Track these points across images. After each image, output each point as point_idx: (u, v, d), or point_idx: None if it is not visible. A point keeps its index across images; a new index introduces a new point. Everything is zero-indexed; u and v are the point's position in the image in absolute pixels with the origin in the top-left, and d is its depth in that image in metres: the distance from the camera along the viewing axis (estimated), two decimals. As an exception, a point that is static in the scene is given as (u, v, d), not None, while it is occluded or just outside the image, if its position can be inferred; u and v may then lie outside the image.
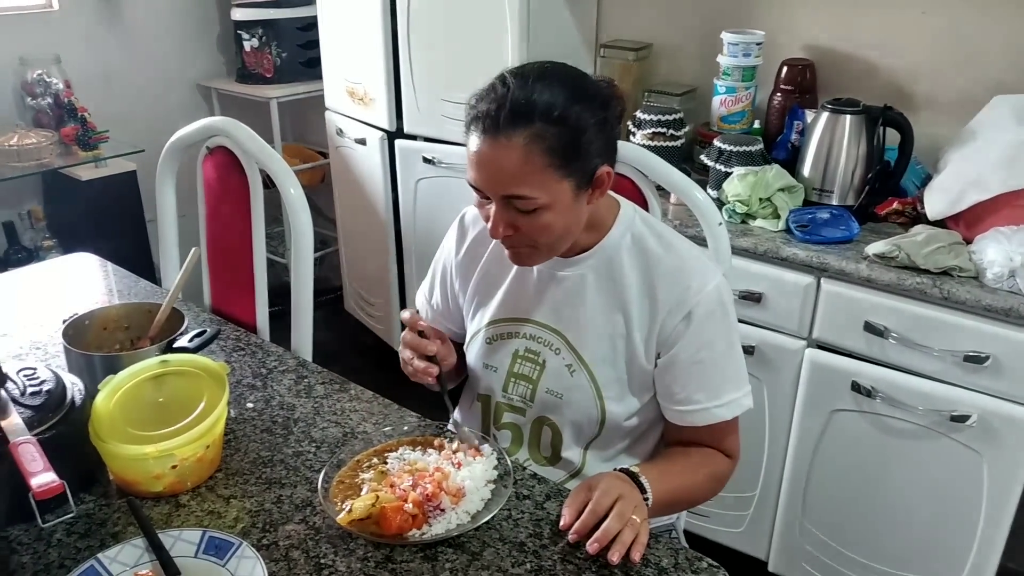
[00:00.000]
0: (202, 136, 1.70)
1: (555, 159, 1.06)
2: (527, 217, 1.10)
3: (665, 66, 2.50)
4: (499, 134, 1.05)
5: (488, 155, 1.07)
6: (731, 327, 1.21)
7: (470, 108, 1.09)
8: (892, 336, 1.73)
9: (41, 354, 1.49)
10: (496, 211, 1.11)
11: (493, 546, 1.04)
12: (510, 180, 1.07)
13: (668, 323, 1.18)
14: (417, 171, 2.69)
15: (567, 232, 1.14)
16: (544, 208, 1.09)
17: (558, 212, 1.10)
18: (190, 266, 1.46)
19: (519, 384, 1.28)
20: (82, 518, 1.09)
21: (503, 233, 1.12)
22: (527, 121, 1.04)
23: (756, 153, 2.01)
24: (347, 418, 1.31)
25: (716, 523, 2.13)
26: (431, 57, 2.52)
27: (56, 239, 2.89)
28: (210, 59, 3.45)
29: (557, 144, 1.05)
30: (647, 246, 1.21)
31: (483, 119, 1.06)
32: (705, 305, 1.17)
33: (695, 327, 1.17)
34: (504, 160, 1.05)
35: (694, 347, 1.18)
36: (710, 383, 1.19)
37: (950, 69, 2.05)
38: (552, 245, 1.15)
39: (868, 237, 1.82)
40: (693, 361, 1.18)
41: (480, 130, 1.07)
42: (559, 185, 1.08)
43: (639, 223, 1.23)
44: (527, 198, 1.07)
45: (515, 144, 1.04)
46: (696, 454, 1.24)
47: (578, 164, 1.08)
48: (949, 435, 1.72)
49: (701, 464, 1.24)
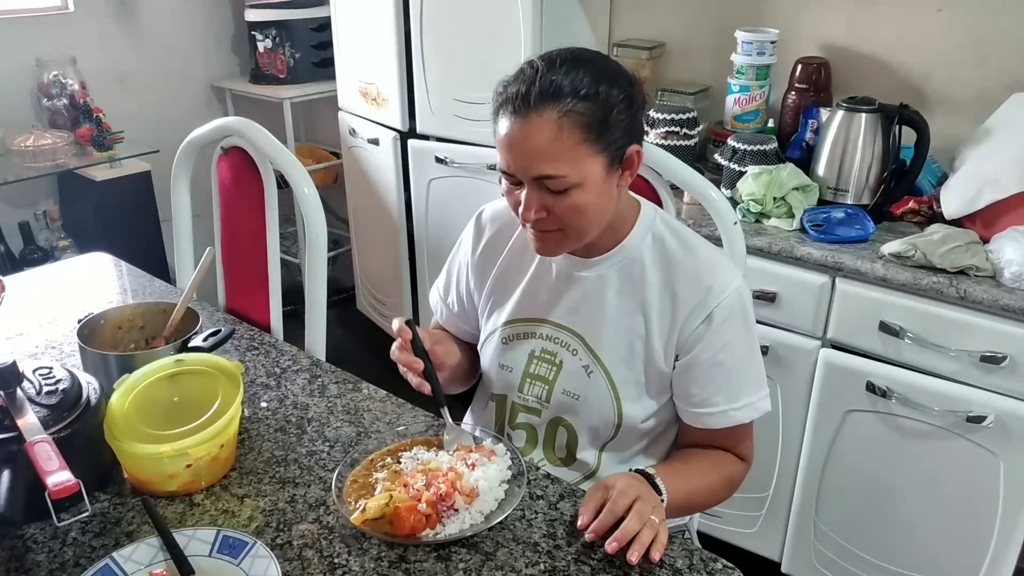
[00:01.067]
0: (217, 136, 1.70)
1: (588, 134, 1.06)
2: (559, 198, 1.09)
3: (678, 65, 2.49)
4: (531, 112, 1.06)
5: (520, 135, 1.07)
6: (751, 330, 1.20)
7: (498, 94, 1.11)
8: (908, 336, 1.72)
9: (56, 353, 1.50)
10: (528, 194, 1.10)
11: (507, 546, 1.04)
12: (543, 158, 1.07)
13: (688, 325, 1.17)
14: (430, 171, 2.69)
15: (598, 215, 1.14)
16: (576, 187, 1.08)
17: (590, 192, 1.10)
18: (205, 266, 1.46)
19: (535, 384, 1.28)
20: (97, 517, 1.09)
21: (535, 216, 1.11)
22: (558, 98, 1.05)
23: (770, 152, 2.00)
24: (360, 418, 1.31)
25: (729, 523, 2.12)
26: (444, 57, 2.52)
27: (71, 239, 2.91)
28: (224, 60, 3.46)
29: (589, 119, 1.06)
30: (668, 247, 1.20)
31: (513, 100, 1.07)
32: (726, 307, 1.16)
33: (715, 329, 1.16)
34: (537, 138, 1.06)
35: (714, 349, 1.17)
36: (728, 385, 1.19)
37: (966, 67, 2.03)
38: (582, 230, 1.14)
39: (883, 236, 1.81)
40: (712, 363, 1.18)
41: (511, 111, 1.08)
42: (591, 161, 1.08)
43: (660, 224, 1.23)
44: (560, 177, 1.07)
45: (547, 120, 1.05)
46: (711, 456, 1.24)
47: (609, 140, 1.09)
48: (965, 436, 1.70)
49: (716, 467, 1.23)
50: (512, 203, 1.15)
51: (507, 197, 1.17)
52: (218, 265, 1.78)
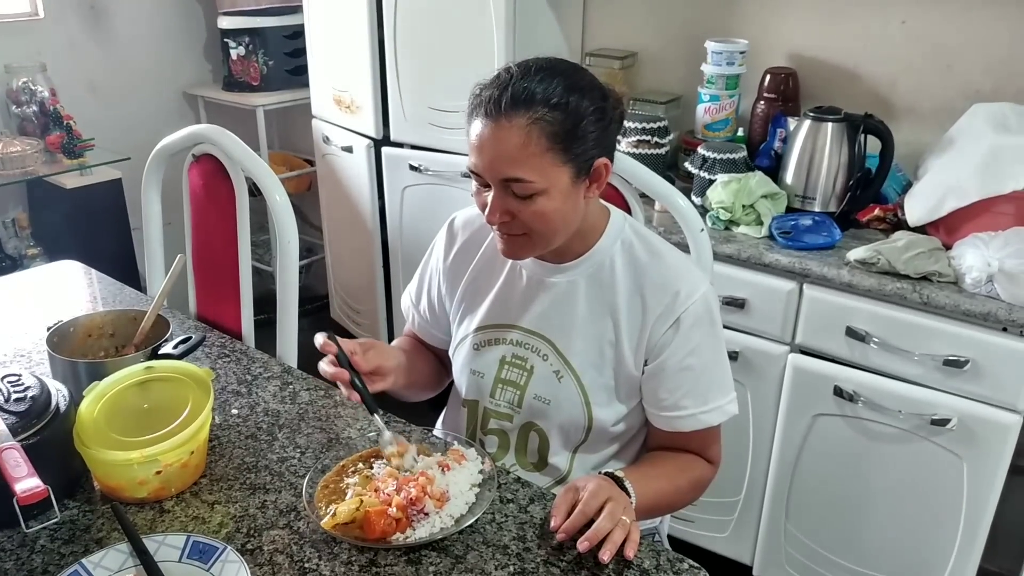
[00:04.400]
0: (188, 143, 1.70)
1: (555, 143, 1.09)
2: (524, 203, 1.11)
3: (650, 74, 2.52)
4: (501, 117, 1.08)
5: (490, 138, 1.10)
6: (718, 335, 1.22)
7: (474, 96, 1.13)
8: (873, 341, 1.75)
9: (25, 361, 1.49)
10: (494, 197, 1.13)
11: (477, 549, 1.05)
12: (510, 163, 1.09)
13: (656, 330, 1.19)
14: (404, 179, 2.70)
15: (563, 223, 1.15)
16: (541, 194, 1.11)
17: (555, 199, 1.12)
18: (175, 273, 1.46)
19: (506, 390, 1.29)
20: (66, 524, 1.09)
21: (499, 219, 1.13)
22: (528, 105, 1.08)
23: (739, 160, 2.04)
24: (332, 424, 1.31)
25: (701, 528, 2.14)
26: (418, 65, 2.53)
27: (41, 247, 2.87)
28: (196, 67, 3.44)
29: (558, 129, 1.08)
30: (636, 254, 1.22)
31: (486, 104, 1.10)
32: (693, 313, 1.18)
33: (683, 334, 1.19)
34: (505, 142, 1.08)
35: (682, 354, 1.19)
36: (697, 389, 1.21)
37: (930, 78, 2.08)
38: (546, 236, 1.15)
39: (850, 243, 1.85)
40: (680, 368, 1.20)
41: (483, 114, 1.10)
42: (558, 171, 1.10)
43: (629, 231, 1.25)
44: (525, 181, 1.09)
45: (516, 126, 1.08)
46: (679, 460, 1.25)
47: (577, 151, 1.11)
48: (930, 438, 1.74)
49: (684, 470, 1.25)
50: (480, 203, 1.17)
51: (476, 198, 1.19)
52: (189, 273, 1.77)
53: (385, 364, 1.24)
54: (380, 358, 1.24)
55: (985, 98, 1.95)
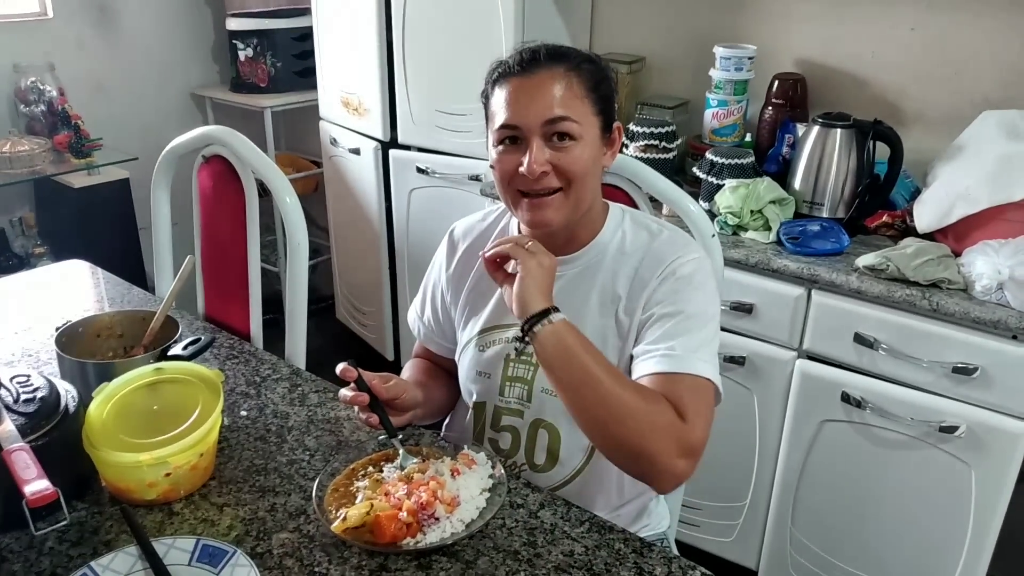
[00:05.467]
0: (198, 144, 1.70)
1: (590, 92, 1.16)
2: (563, 152, 1.14)
3: (658, 79, 2.52)
4: (540, 67, 1.14)
5: (531, 84, 1.14)
6: (708, 297, 1.19)
7: (498, 65, 1.19)
8: (882, 347, 1.74)
9: (33, 361, 1.49)
10: (535, 148, 1.14)
11: (487, 554, 1.04)
12: (556, 104, 1.13)
13: (651, 292, 1.19)
14: (411, 181, 2.70)
15: (593, 181, 1.19)
16: (580, 141, 1.15)
17: (590, 149, 1.16)
18: (185, 274, 1.46)
19: (515, 386, 1.29)
20: (75, 526, 1.08)
21: (540, 170, 1.14)
22: (564, 57, 1.16)
23: (747, 166, 2.03)
24: (340, 427, 1.31)
25: (706, 532, 2.14)
26: (426, 68, 2.53)
27: (48, 246, 2.88)
28: (204, 68, 3.45)
29: (591, 79, 1.16)
30: (637, 240, 1.25)
31: (520, 61, 1.15)
32: (682, 269, 1.19)
33: (670, 285, 1.18)
34: (548, 88, 1.14)
35: (667, 303, 1.17)
36: (669, 333, 1.14)
37: (939, 84, 2.07)
38: (580, 191, 1.17)
39: (858, 249, 1.84)
40: (662, 315, 1.16)
41: (518, 72, 1.15)
42: (592, 120, 1.17)
43: (628, 220, 1.27)
44: (571, 120, 1.14)
45: (556, 74, 1.14)
46: (641, 383, 1.13)
47: (605, 105, 1.18)
48: (938, 446, 1.73)
49: (640, 388, 1.09)
50: (509, 167, 1.17)
51: (499, 167, 1.18)
52: (198, 273, 1.77)
53: (404, 397, 1.25)
54: (399, 389, 1.24)
55: (995, 105, 1.94)
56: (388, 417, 1.20)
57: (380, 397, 1.20)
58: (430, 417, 1.40)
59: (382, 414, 1.20)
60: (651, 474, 1.08)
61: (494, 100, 1.18)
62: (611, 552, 1.06)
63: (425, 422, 1.37)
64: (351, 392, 1.19)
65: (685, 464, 1.06)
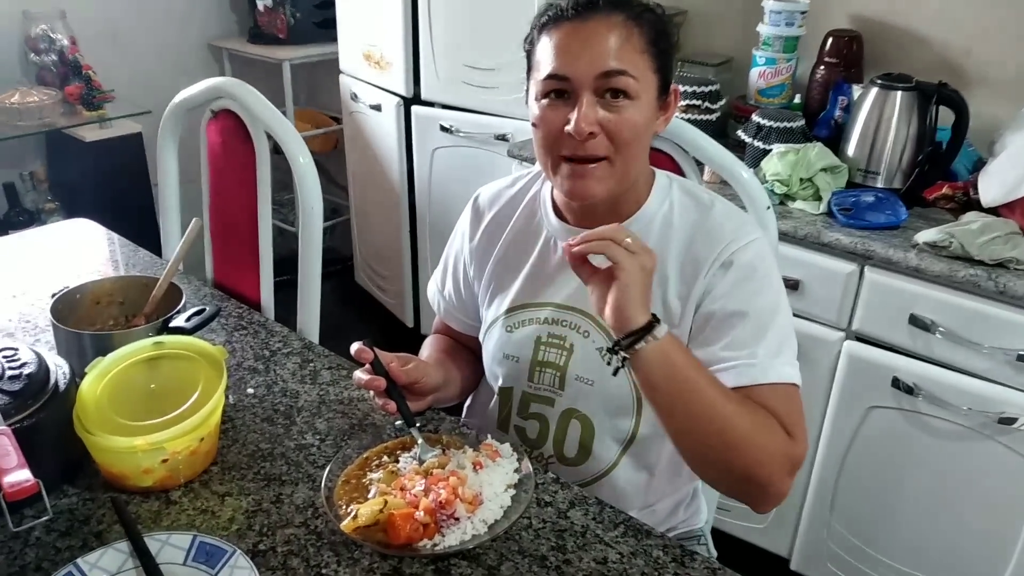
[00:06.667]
0: (207, 98, 1.58)
1: (650, 46, 1.03)
2: (614, 112, 1.02)
3: (701, 34, 2.37)
4: (597, 12, 1.01)
5: (585, 31, 1.01)
6: (776, 286, 1.08)
7: (550, 8, 1.04)
8: (939, 331, 1.62)
9: (31, 328, 1.40)
10: (585, 104, 1.01)
11: (511, 559, 0.95)
12: (613, 55, 1.00)
13: (707, 279, 1.07)
14: (434, 140, 2.58)
15: (641, 148, 1.07)
16: (635, 100, 1.02)
17: (643, 111, 1.03)
18: (190, 238, 1.36)
19: (545, 372, 1.17)
20: (64, 514, 0.99)
21: (589, 130, 1.01)
22: (625, 5, 1.03)
23: (797, 130, 1.89)
24: (355, 408, 1.21)
25: (737, 517, 2.03)
26: (453, 20, 2.39)
27: (59, 202, 2.80)
28: (222, 18, 3.33)
29: (652, 32, 1.03)
30: (686, 211, 1.12)
31: (572, 6, 1.02)
32: (743, 257, 1.06)
33: (733, 276, 1.05)
34: (605, 35, 1.01)
35: (735, 300, 1.05)
36: (742, 339, 1.03)
37: (1009, 44, 1.91)
38: (628, 158, 1.04)
39: (915, 223, 1.71)
40: (732, 313, 1.04)
41: (572, 16, 1.02)
42: (650, 77, 1.04)
43: (676, 190, 1.14)
44: (628, 75, 1.01)
45: (615, 22, 1.01)
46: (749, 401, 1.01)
47: (664, 61, 1.05)
48: (995, 438, 1.61)
49: (749, 407, 0.98)
50: (554, 125, 1.03)
51: (542, 124, 1.05)
52: (207, 236, 1.67)
53: (424, 381, 1.14)
54: (419, 373, 1.13)
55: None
56: (407, 403, 1.10)
57: (398, 381, 1.10)
58: (451, 399, 1.29)
59: (400, 400, 1.09)
60: (760, 498, 1.02)
61: (540, 48, 1.04)
62: (648, 560, 0.95)
63: (446, 405, 1.27)
64: (366, 376, 1.08)
65: (791, 481, 1.00)
